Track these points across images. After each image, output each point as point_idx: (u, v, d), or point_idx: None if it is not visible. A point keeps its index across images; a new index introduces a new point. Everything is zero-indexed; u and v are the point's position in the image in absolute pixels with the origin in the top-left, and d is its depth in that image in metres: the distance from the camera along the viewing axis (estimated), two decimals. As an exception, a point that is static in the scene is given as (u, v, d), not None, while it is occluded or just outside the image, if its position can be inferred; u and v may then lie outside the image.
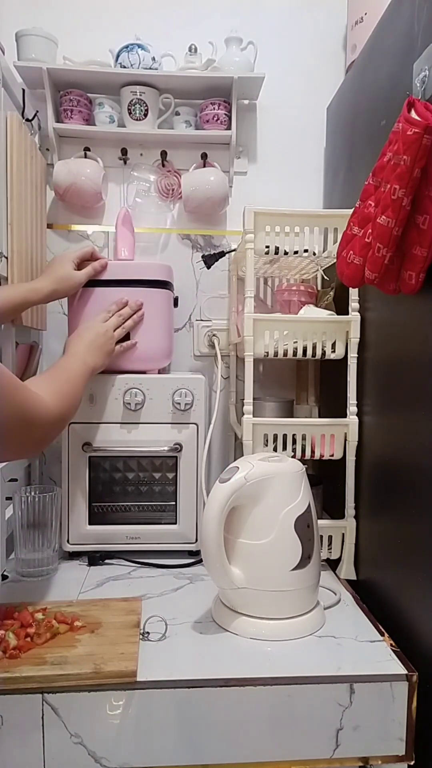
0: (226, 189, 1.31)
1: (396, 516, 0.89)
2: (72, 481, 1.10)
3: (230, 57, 1.28)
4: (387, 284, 0.79)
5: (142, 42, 1.24)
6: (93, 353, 0.99)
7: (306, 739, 0.73)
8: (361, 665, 0.77)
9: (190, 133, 1.31)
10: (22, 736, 0.70)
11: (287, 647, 0.81)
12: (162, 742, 0.72)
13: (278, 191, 1.36)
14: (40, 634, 0.78)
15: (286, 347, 1.04)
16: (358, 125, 1.09)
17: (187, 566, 1.08)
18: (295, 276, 1.27)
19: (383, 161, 0.75)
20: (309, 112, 1.36)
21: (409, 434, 0.84)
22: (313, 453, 1.05)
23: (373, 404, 1.00)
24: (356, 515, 1.05)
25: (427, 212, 0.71)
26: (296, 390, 1.38)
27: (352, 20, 1.21)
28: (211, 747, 0.72)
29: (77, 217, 1.34)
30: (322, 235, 1.02)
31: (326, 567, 1.09)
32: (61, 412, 0.79)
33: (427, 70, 0.74)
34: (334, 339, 1.05)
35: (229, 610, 0.86)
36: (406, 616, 0.83)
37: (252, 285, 1.03)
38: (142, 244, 1.36)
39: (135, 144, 1.34)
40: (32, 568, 1.02)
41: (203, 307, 1.37)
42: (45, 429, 0.74)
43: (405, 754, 0.75)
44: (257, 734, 0.73)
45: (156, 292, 1.14)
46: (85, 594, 0.96)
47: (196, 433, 1.11)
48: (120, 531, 1.11)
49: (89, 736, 0.71)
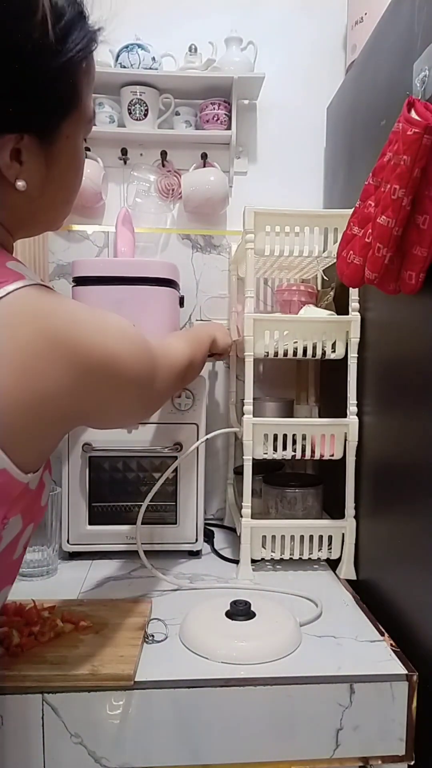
0: (226, 189, 1.31)
1: (396, 516, 0.89)
2: (72, 481, 1.10)
3: (230, 57, 1.28)
4: (387, 284, 0.78)
5: (142, 42, 1.24)
6: (216, 330, 1.08)
7: (306, 739, 0.73)
8: (361, 665, 0.76)
9: (190, 133, 1.31)
10: (22, 736, 0.70)
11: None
12: (162, 742, 0.72)
13: (278, 191, 1.36)
14: (44, 633, 0.78)
15: (286, 347, 1.04)
16: (358, 125, 1.09)
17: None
18: (295, 276, 1.27)
19: (383, 161, 0.75)
20: (309, 112, 1.36)
21: (409, 434, 0.84)
22: (313, 453, 1.05)
23: (373, 404, 1.00)
24: (356, 515, 1.05)
25: (427, 212, 0.71)
26: (296, 390, 1.38)
27: (352, 20, 1.21)
28: (211, 747, 0.72)
29: (77, 217, 1.34)
30: (322, 235, 1.02)
31: (326, 567, 1.09)
32: (192, 356, 0.89)
33: (427, 70, 0.74)
34: (334, 339, 1.05)
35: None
36: (406, 616, 0.83)
37: (252, 285, 1.03)
38: (142, 244, 1.36)
39: (135, 144, 1.34)
40: (32, 568, 1.02)
41: (203, 307, 1.37)
42: (185, 371, 0.86)
43: (405, 754, 0.75)
44: (257, 734, 0.73)
45: (162, 290, 1.13)
46: (85, 594, 0.96)
47: (196, 433, 1.11)
48: (120, 531, 1.11)
49: (89, 736, 0.71)
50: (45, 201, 0.60)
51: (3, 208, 0.58)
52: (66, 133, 0.58)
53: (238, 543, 1.06)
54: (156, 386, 0.69)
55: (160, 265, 1.17)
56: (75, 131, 0.60)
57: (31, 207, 0.59)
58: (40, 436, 0.54)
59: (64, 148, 0.59)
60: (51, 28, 0.52)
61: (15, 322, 0.50)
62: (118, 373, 0.58)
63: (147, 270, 1.13)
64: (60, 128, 0.57)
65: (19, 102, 0.53)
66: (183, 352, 0.84)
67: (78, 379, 0.53)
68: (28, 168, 0.56)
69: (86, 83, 0.59)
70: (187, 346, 0.87)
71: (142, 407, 0.72)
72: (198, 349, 0.94)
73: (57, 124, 0.57)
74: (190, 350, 0.88)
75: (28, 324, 0.51)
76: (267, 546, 1.05)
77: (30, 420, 0.51)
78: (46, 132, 0.56)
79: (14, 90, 0.52)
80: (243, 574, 1.03)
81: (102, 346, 0.56)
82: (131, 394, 0.63)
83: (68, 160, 0.60)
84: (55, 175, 0.59)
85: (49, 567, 1.03)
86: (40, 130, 0.56)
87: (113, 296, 1.10)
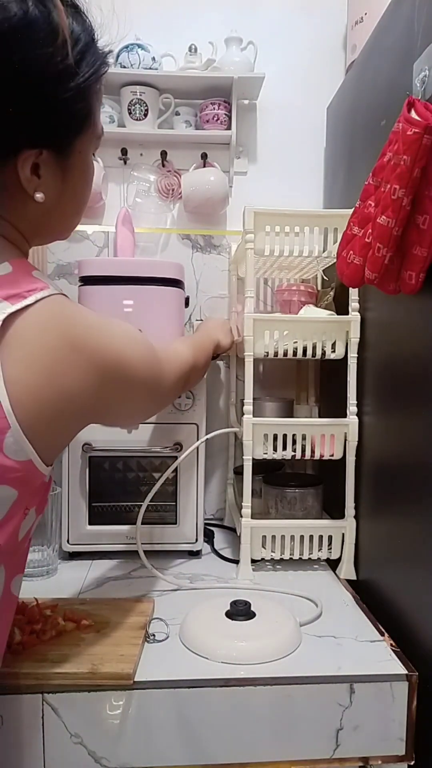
0: (226, 189, 1.31)
1: (396, 516, 0.89)
2: (72, 481, 1.10)
3: (230, 57, 1.28)
4: (387, 284, 0.78)
5: (142, 42, 1.24)
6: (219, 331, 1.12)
7: (306, 739, 0.73)
8: (361, 665, 0.76)
9: (190, 133, 1.31)
10: (22, 736, 0.70)
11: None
12: (162, 742, 0.72)
13: (278, 191, 1.36)
14: (45, 631, 0.78)
15: (286, 347, 1.04)
16: (358, 125, 1.09)
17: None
18: (295, 276, 1.27)
19: (383, 161, 0.75)
20: (309, 112, 1.36)
21: (409, 434, 0.84)
22: (313, 453, 1.05)
23: (373, 404, 1.00)
24: (356, 515, 1.05)
25: (427, 212, 0.71)
26: (296, 390, 1.38)
27: (352, 20, 1.21)
28: (211, 747, 0.72)
29: (77, 217, 1.34)
30: (322, 235, 1.02)
31: (326, 567, 1.09)
32: (195, 360, 0.94)
33: (427, 70, 0.74)
34: (334, 339, 1.05)
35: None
36: (406, 616, 0.83)
37: (252, 285, 1.03)
38: (142, 244, 1.36)
39: (135, 144, 1.34)
40: (32, 568, 1.02)
41: (203, 307, 1.37)
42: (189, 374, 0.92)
43: (405, 754, 0.75)
44: (257, 734, 0.73)
45: (168, 290, 1.13)
46: (85, 594, 0.96)
47: (196, 433, 1.11)
48: (120, 531, 1.11)
49: (89, 736, 0.71)
50: (59, 211, 0.65)
51: (22, 219, 0.63)
52: (79, 148, 0.63)
53: (238, 543, 1.06)
54: (162, 387, 0.76)
55: (168, 265, 1.17)
56: (87, 147, 0.64)
57: (47, 217, 0.64)
58: (60, 431, 0.60)
59: (77, 162, 0.63)
60: (70, 51, 0.56)
61: (42, 328, 0.56)
62: (128, 375, 0.65)
63: (154, 270, 1.14)
64: (74, 144, 0.62)
65: (40, 121, 0.58)
66: (186, 357, 0.91)
67: (95, 379, 0.60)
68: (46, 181, 0.60)
69: (98, 102, 0.64)
70: (190, 351, 0.93)
71: (150, 406, 0.79)
72: (201, 354, 0.99)
73: (72, 140, 0.62)
74: (193, 355, 0.94)
75: (53, 330, 0.56)
76: (267, 546, 1.05)
77: (54, 415, 0.57)
78: (62, 148, 0.61)
79: (37, 110, 0.57)
80: (243, 574, 1.03)
81: (114, 350, 0.62)
82: (140, 394, 0.70)
83: (80, 173, 0.65)
84: (68, 187, 0.64)
85: (49, 567, 1.03)
86: (58, 146, 0.60)
87: (120, 296, 1.10)
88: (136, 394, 0.69)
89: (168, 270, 1.15)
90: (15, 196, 0.60)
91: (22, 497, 0.56)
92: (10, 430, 0.53)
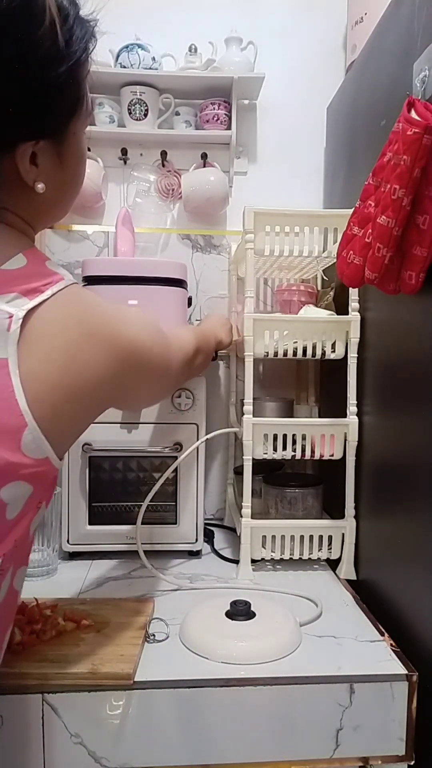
0: (226, 189, 1.31)
1: (396, 516, 0.89)
2: (72, 481, 1.10)
3: (230, 57, 1.28)
4: (387, 284, 0.79)
5: (142, 42, 1.24)
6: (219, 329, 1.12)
7: (306, 739, 0.73)
8: (361, 665, 0.76)
9: (190, 133, 1.31)
10: (22, 736, 0.70)
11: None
12: (162, 742, 0.72)
13: (278, 191, 1.36)
14: (45, 631, 0.78)
15: (286, 347, 1.04)
16: (358, 125, 1.09)
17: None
18: (295, 276, 1.27)
19: (383, 161, 0.75)
20: (309, 112, 1.36)
21: (409, 434, 0.84)
22: (313, 453, 1.05)
23: (373, 404, 1.00)
24: (356, 515, 1.05)
25: (427, 212, 0.71)
26: (296, 390, 1.38)
27: (352, 20, 1.21)
28: (211, 747, 0.72)
29: (77, 217, 1.34)
30: (322, 235, 1.02)
31: (326, 567, 1.09)
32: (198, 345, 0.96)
33: (427, 70, 0.74)
34: (334, 339, 1.05)
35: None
36: (406, 616, 0.83)
37: (252, 285, 1.03)
38: (142, 244, 1.36)
39: (135, 144, 1.34)
40: (32, 568, 1.02)
41: (203, 307, 1.37)
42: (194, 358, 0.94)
43: (405, 754, 0.75)
44: (257, 734, 0.73)
45: (171, 290, 1.13)
46: (85, 594, 0.96)
47: (196, 433, 1.11)
48: (120, 531, 1.11)
49: (89, 736, 0.71)
50: (57, 194, 0.65)
51: (25, 207, 0.62)
52: (73, 130, 0.62)
53: (238, 543, 1.06)
54: (171, 370, 0.78)
55: (172, 265, 1.17)
56: (81, 127, 0.64)
57: (47, 202, 0.64)
58: (76, 423, 0.61)
59: (72, 145, 0.63)
60: (59, 31, 0.55)
61: (60, 323, 0.57)
62: (144, 359, 0.66)
63: (158, 270, 1.14)
64: (69, 128, 0.62)
65: (35, 112, 0.57)
66: (190, 340, 0.93)
67: (115, 365, 0.61)
68: (44, 169, 0.60)
69: (87, 77, 0.63)
70: (193, 336, 0.95)
71: (161, 389, 0.83)
72: (204, 341, 1.01)
73: (67, 124, 0.61)
74: (197, 340, 0.95)
75: (71, 323, 0.57)
76: (267, 546, 1.05)
77: (75, 406, 0.58)
78: (58, 134, 0.60)
79: (30, 102, 0.56)
80: (243, 574, 1.03)
81: (131, 335, 0.64)
82: (154, 377, 0.72)
83: (75, 154, 0.64)
84: (67, 170, 0.64)
85: (49, 567, 1.03)
86: (54, 134, 0.60)
87: (124, 295, 1.10)
88: (151, 378, 0.71)
89: (172, 270, 1.15)
90: (15, 186, 0.60)
91: (36, 492, 0.57)
92: (27, 428, 0.54)
